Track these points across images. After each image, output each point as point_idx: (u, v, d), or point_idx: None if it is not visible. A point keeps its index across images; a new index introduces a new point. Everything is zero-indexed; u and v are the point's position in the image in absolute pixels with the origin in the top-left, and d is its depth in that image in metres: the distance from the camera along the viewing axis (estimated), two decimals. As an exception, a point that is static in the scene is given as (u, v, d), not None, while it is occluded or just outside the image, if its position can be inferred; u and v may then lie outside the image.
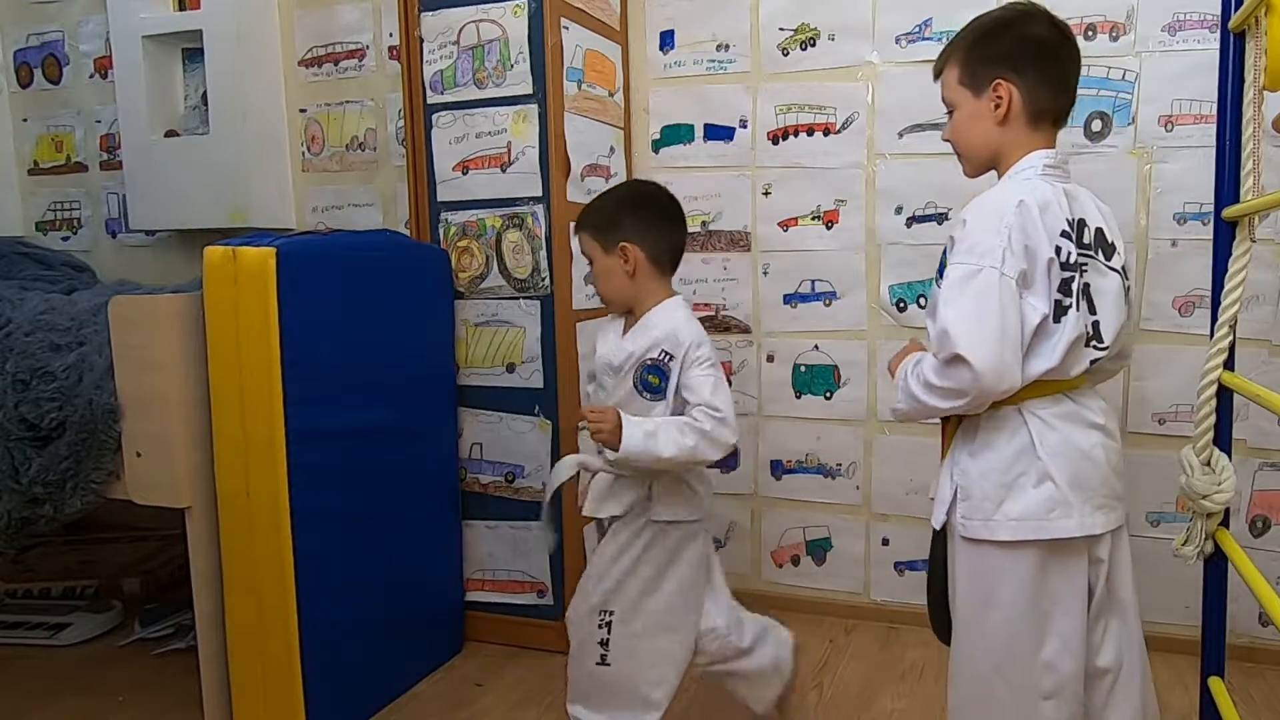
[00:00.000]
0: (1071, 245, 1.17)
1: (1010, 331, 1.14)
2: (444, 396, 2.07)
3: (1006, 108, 1.23)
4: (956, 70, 1.28)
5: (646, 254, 1.54)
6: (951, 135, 1.32)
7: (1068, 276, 1.16)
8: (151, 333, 1.66)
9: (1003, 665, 1.21)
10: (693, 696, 1.91)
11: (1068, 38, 1.26)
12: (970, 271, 1.16)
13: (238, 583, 1.66)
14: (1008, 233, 1.15)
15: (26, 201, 2.92)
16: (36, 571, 2.54)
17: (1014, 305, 1.14)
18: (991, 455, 1.21)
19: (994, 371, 1.13)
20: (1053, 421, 1.19)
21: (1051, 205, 1.17)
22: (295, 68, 2.55)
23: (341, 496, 1.74)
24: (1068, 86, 1.27)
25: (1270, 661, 1.97)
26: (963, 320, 1.15)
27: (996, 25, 1.27)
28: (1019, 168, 1.24)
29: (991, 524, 1.19)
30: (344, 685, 1.77)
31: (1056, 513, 1.17)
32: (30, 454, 1.75)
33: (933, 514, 1.28)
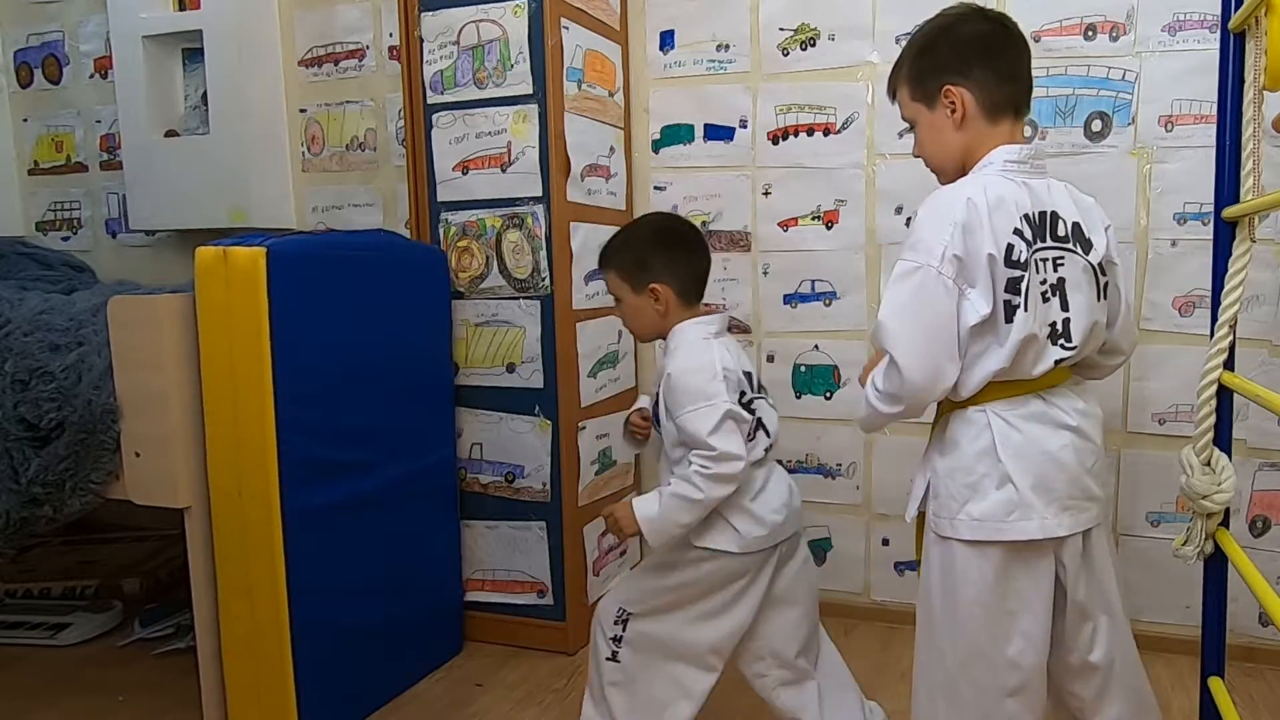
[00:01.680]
0: (1023, 243, 1.16)
1: (944, 333, 1.15)
2: (441, 396, 2.07)
3: (961, 111, 1.24)
4: (907, 87, 1.30)
5: (676, 290, 1.54)
6: (919, 151, 1.33)
7: (1015, 275, 1.16)
8: (150, 333, 1.66)
9: (968, 662, 1.22)
10: (693, 696, 1.91)
11: (1006, 26, 1.27)
12: (910, 269, 1.17)
13: (231, 583, 1.66)
14: (951, 230, 1.15)
15: (26, 201, 2.92)
16: (36, 571, 2.54)
17: (948, 305, 1.15)
18: (957, 455, 1.22)
19: (922, 374, 1.16)
20: (1017, 423, 1.19)
21: (1006, 202, 1.17)
22: (295, 68, 2.55)
23: (335, 497, 1.74)
24: (1017, 75, 1.26)
25: (1270, 661, 1.97)
26: (895, 317, 1.17)
27: (933, 34, 1.28)
28: (981, 165, 1.24)
29: (956, 522, 1.21)
30: (340, 685, 1.77)
31: (1015, 515, 1.18)
32: (29, 454, 1.75)
33: (907, 507, 1.30)
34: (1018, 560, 1.20)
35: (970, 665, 1.22)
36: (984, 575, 1.20)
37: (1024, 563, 1.20)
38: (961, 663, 1.22)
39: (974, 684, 1.22)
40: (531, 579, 2.12)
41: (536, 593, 2.11)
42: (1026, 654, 1.21)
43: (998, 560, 1.19)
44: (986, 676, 1.21)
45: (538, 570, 2.10)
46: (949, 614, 1.22)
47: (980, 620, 1.20)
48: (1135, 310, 2.00)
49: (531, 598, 2.12)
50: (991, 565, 1.19)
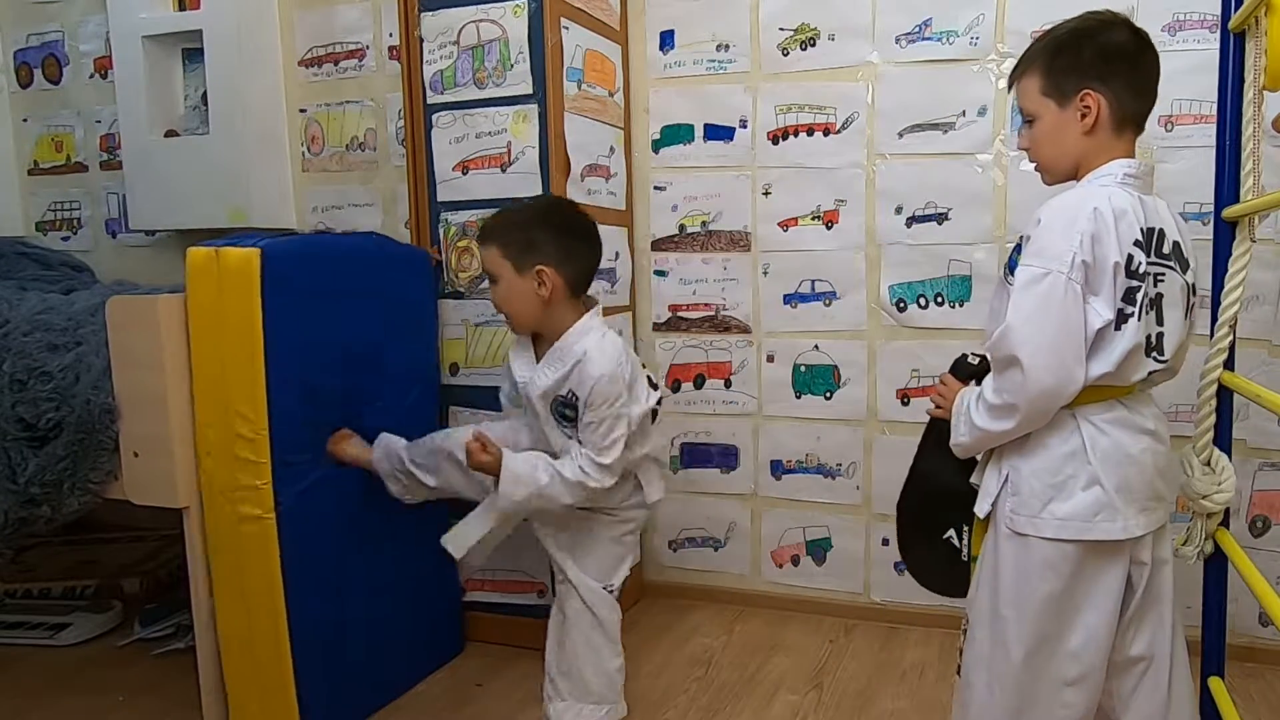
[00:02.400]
0: (1143, 255, 1.18)
1: (1072, 337, 1.16)
2: (430, 396, 2.06)
3: (1095, 118, 1.24)
4: (1039, 80, 1.28)
5: (565, 279, 1.54)
6: (1031, 145, 1.32)
7: (1134, 286, 1.17)
8: (149, 333, 1.66)
9: (1033, 653, 1.24)
10: (692, 697, 1.91)
11: (1148, 44, 1.27)
12: (1037, 275, 1.18)
13: (226, 584, 1.66)
14: (1079, 238, 1.16)
15: (26, 201, 2.92)
16: (36, 571, 2.53)
17: (1077, 311, 1.16)
18: (1043, 454, 1.23)
19: (1054, 376, 1.16)
20: (1105, 427, 1.22)
21: (1128, 213, 1.18)
22: (295, 68, 2.55)
23: (329, 497, 1.74)
24: (1150, 92, 1.27)
25: (1270, 661, 1.97)
26: (1024, 323, 1.17)
27: (1078, 35, 1.27)
28: (1098, 173, 1.24)
29: (1038, 521, 1.22)
30: (340, 685, 1.77)
31: (1101, 516, 1.20)
32: (27, 454, 1.75)
33: (977, 503, 1.30)
34: (1094, 559, 1.22)
35: (1034, 656, 1.24)
36: (1060, 573, 1.22)
37: (1100, 561, 1.23)
38: (1027, 655, 1.24)
39: (1035, 674, 1.25)
40: (531, 579, 2.12)
41: (536, 592, 2.11)
42: (1089, 647, 1.24)
43: (1075, 558, 1.22)
44: (1048, 667, 1.24)
45: (537, 570, 2.10)
46: (1019, 608, 1.24)
47: (1051, 614, 1.23)
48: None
49: (531, 597, 2.12)
50: (1069, 563, 1.22)
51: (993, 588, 1.27)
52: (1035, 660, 1.24)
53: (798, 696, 1.90)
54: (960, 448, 1.31)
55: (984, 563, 1.31)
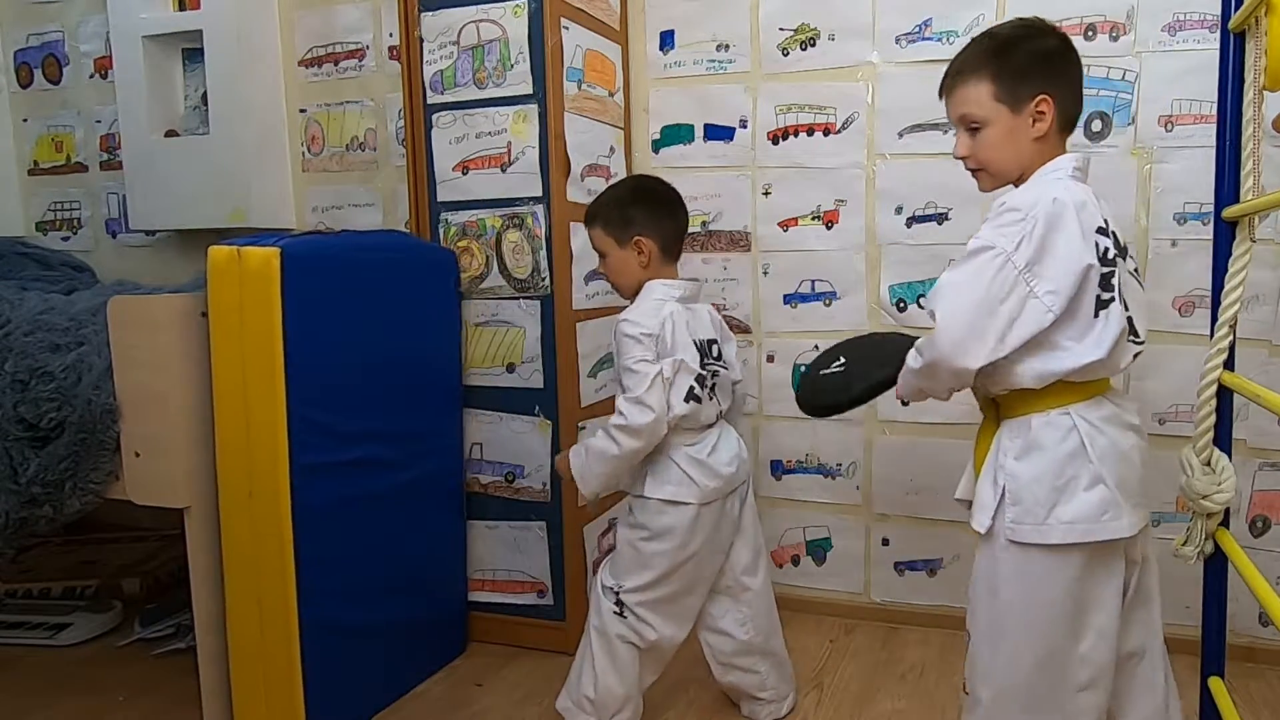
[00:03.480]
0: (1109, 242, 1.19)
1: (987, 312, 1.17)
2: (450, 397, 2.07)
3: (1050, 122, 1.25)
4: (988, 85, 1.27)
5: (659, 245, 1.67)
6: (977, 151, 1.31)
7: (1107, 271, 1.18)
8: (150, 333, 1.66)
9: (1044, 661, 1.23)
10: (692, 698, 1.91)
11: (1073, 47, 1.29)
12: (980, 247, 1.20)
13: (239, 583, 1.66)
14: (1032, 223, 1.17)
15: (26, 201, 2.92)
16: (36, 571, 2.54)
17: (1005, 290, 1.16)
18: (1042, 458, 1.22)
19: (950, 340, 1.18)
20: (1100, 425, 1.22)
21: (1088, 204, 1.20)
22: (295, 68, 2.55)
23: (345, 498, 1.74)
24: (1082, 94, 1.30)
25: (1270, 661, 1.97)
26: (951, 285, 1.20)
27: (1020, 41, 1.27)
28: (1049, 169, 1.25)
29: (1044, 528, 1.21)
30: (346, 685, 1.77)
31: (1109, 514, 1.20)
32: (29, 454, 1.75)
33: (973, 518, 1.28)
34: (1098, 560, 1.22)
35: (1046, 665, 1.23)
36: (1066, 578, 1.21)
37: (1104, 562, 1.22)
38: (1036, 664, 1.23)
39: (1049, 683, 1.24)
40: (532, 579, 2.12)
41: (537, 593, 2.11)
42: (1099, 648, 1.23)
43: (1080, 562, 1.21)
44: (1060, 674, 1.23)
45: (538, 570, 2.10)
46: (1025, 618, 1.23)
47: (1058, 622, 1.22)
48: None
49: (532, 598, 2.12)
50: (1074, 568, 1.21)
51: (993, 602, 1.26)
52: (1048, 668, 1.23)
53: (798, 696, 1.90)
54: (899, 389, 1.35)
55: (979, 578, 1.29)
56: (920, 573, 2.24)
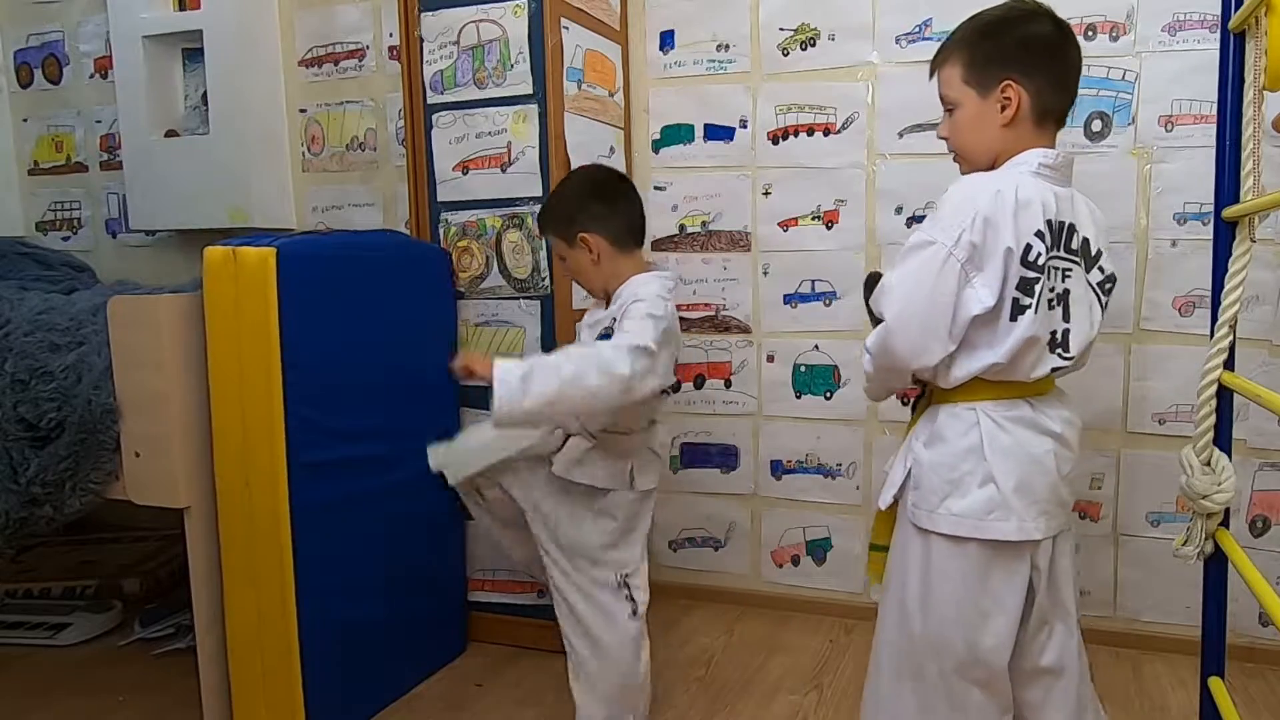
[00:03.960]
0: (1043, 247, 1.17)
1: (938, 310, 1.16)
2: (446, 395, 2.06)
3: (1015, 109, 1.23)
4: (960, 69, 1.27)
5: (607, 239, 1.60)
6: (950, 134, 1.32)
7: (1030, 277, 1.16)
8: (150, 333, 1.66)
9: (940, 649, 1.24)
10: (692, 697, 1.91)
11: (1070, 37, 1.26)
12: (923, 241, 1.19)
13: (237, 581, 1.66)
14: (973, 216, 1.16)
15: (26, 201, 2.92)
16: (36, 571, 2.54)
17: (951, 285, 1.16)
18: (943, 449, 1.23)
19: (905, 339, 1.18)
20: (1005, 424, 1.21)
21: (1033, 203, 1.17)
22: (295, 68, 2.55)
23: (342, 496, 1.74)
24: (1070, 87, 1.27)
25: (1270, 661, 1.97)
26: (897, 284, 1.19)
27: (1002, 24, 1.26)
28: (1014, 161, 1.24)
29: (935, 516, 1.22)
30: (345, 685, 1.77)
31: (995, 515, 1.19)
32: (29, 454, 1.75)
33: (881, 494, 1.32)
34: (997, 560, 1.21)
35: (941, 652, 1.24)
36: (963, 571, 1.22)
37: (1002, 563, 1.22)
38: (933, 649, 1.24)
39: (942, 671, 1.24)
40: (531, 579, 2.11)
41: (537, 592, 2.11)
42: (997, 651, 1.23)
43: (977, 558, 1.21)
44: (952, 666, 1.24)
45: (538, 570, 2.10)
46: (922, 603, 1.24)
47: (954, 613, 1.22)
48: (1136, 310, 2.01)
49: (531, 597, 2.12)
50: (971, 562, 1.21)
51: (900, 580, 1.28)
52: (943, 657, 1.24)
53: (798, 696, 1.90)
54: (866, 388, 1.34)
55: (893, 554, 1.31)
56: (920, 573, 2.24)
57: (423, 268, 2.01)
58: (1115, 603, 2.09)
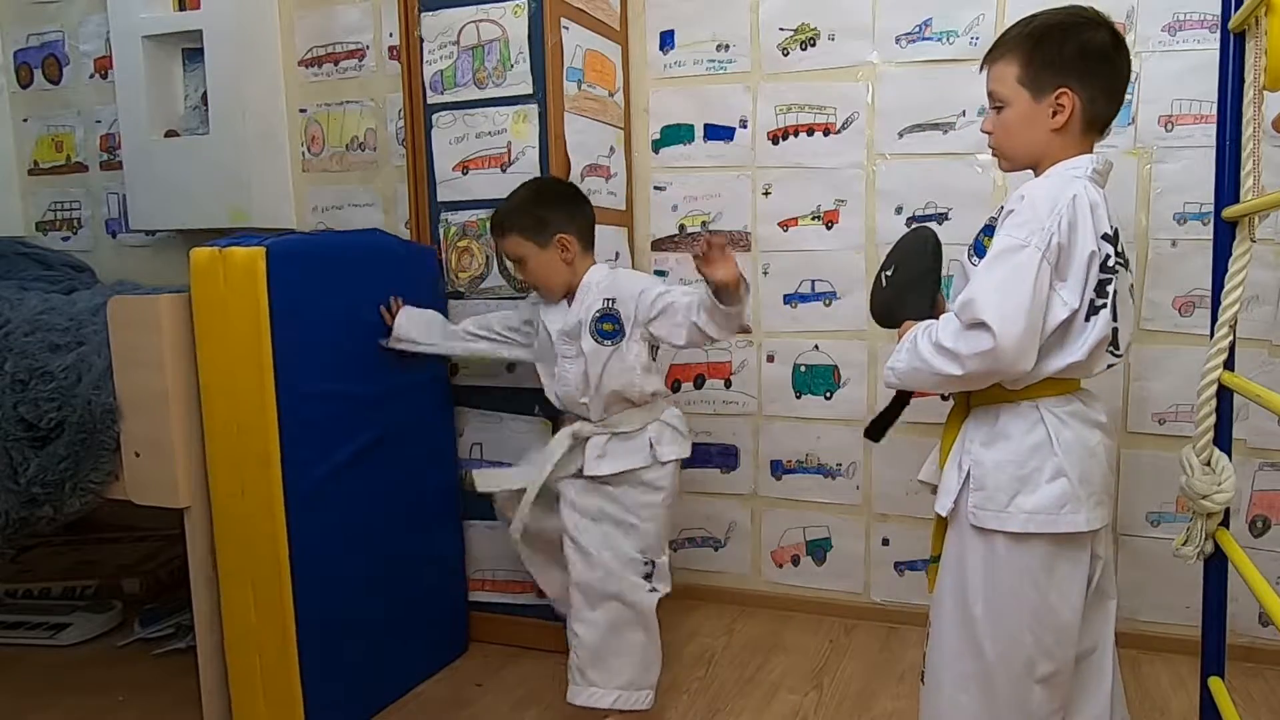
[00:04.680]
0: (1111, 249, 1.19)
1: (1037, 313, 1.15)
2: (440, 394, 2.07)
3: (1068, 117, 1.23)
4: (1016, 68, 1.26)
5: (578, 239, 1.71)
6: (996, 129, 1.30)
7: (1105, 278, 1.18)
8: (150, 333, 1.66)
9: (1007, 651, 1.24)
10: (693, 697, 1.91)
11: (1124, 49, 1.27)
12: (1015, 245, 1.17)
13: (233, 582, 1.66)
14: (1059, 219, 1.16)
15: (26, 201, 2.92)
16: (36, 571, 2.54)
17: (1045, 289, 1.16)
18: (1008, 447, 1.23)
19: (1014, 345, 1.14)
20: (1066, 419, 1.23)
21: (1100, 207, 1.20)
22: (295, 68, 2.55)
23: (339, 496, 1.74)
24: (1120, 97, 1.28)
25: (1270, 661, 1.97)
26: (995, 290, 1.16)
27: (1063, 30, 1.25)
28: (1068, 165, 1.24)
29: (1004, 515, 1.22)
30: (344, 685, 1.77)
31: (1068, 508, 1.20)
32: (29, 454, 1.75)
33: (937, 501, 1.30)
34: (1062, 553, 1.22)
35: (1008, 655, 1.24)
36: (1028, 568, 1.22)
37: (1067, 556, 1.23)
38: (999, 653, 1.24)
39: (1009, 673, 1.24)
40: (531, 579, 2.11)
41: (537, 592, 2.11)
42: (1063, 643, 1.24)
43: (1042, 553, 1.22)
44: (1022, 666, 1.24)
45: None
46: (990, 606, 1.24)
47: (1022, 612, 1.23)
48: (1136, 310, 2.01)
49: (531, 598, 2.11)
50: (1036, 558, 1.22)
51: (960, 587, 1.27)
52: (1009, 658, 1.24)
53: (798, 696, 1.90)
54: (893, 372, 1.29)
55: (948, 562, 1.30)
56: (920, 573, 2.24)
57: (412, 267, 2.01)
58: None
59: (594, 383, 1.67)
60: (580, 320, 1.69)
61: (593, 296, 1.69)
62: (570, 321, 1.70)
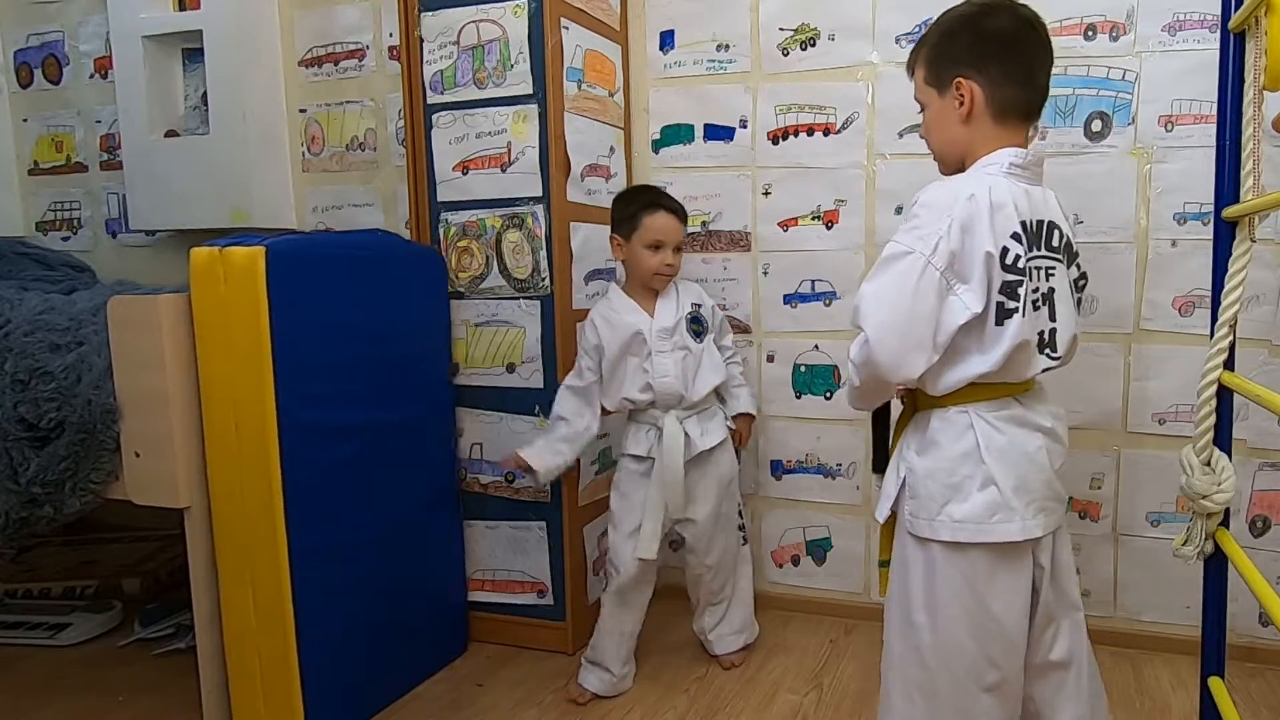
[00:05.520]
0: (1021, 248, 1.16)
1: (919, 320, 1.14)
2: (440, 394, 2.07)
3: (969, 106, 1.23)
4: (923, 69, 1.29)
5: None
6: (923, 134, 1.33)
7: (1012, 280, 1.15)
8: (150, 333, 1.66)
9: (949, 659, 1.22)
10: (693, 697, 1.91)
11: (1034, 28, 1.24)
12: (900, 252, 1.16)
13: (233, 582, 1.66)
14: (949, 223, 1.14)
15: (26, 201, 2.92)
16: (36, 571, 2.54)
17: (931, 295, 1.14)
18: (938, 455, 1.22)
19: (889, 354, 1.15)
20: (1000, 425, 1.20)
21: (1007, 205, 1.16)
22: (295, 68, 2.55)
23: (338, 495, 1.74)
24: (1033, 80, 1.25)
25: (1270, 661, 1.97)
26: (875, 296, 1.16)
27: (958, 22, 1.26)
28: (984, 162, 1.23)
29: (935, 524, 1.21)
30: (344, 685, 1.77)
31: (998, 517, 1.18)
32: (29, 454, 1.75)
33: (877, 507, 1.30)
34: (1000, 562, 1.20)
35: (950, 663, 1.22)
36: (966, 576, 1.20)
37: (1006, 564, 1.21)
38: (942, 661, 1.23)
39: (953, 681, 1.23)
40: (531, 579, 2.12)
41: (536, 593, 2.11)
42: (1008, 654, 1.22)
43: (981, 562, 1.20)
44: (965, 674, 1.22)
45: (538, 570, 2.10)
46: (929, 614, 1.23)
47: (962, 620, 1.21)
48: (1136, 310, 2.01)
49: (531, 598, 2.12)
50: (973, 566, 1.20)
51: (903, 593, 1.26)
52: (953, 667, 1.22)
53: (798, 696, 1.90)
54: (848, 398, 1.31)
55: (894, 568, 1.29)
56: (920, 573, 2.24)
57: (415, 268, 2.01)
58: (1115, 603, 2.09)
59: (692, 374, 1.89)
60: (679, 319, 1.90)
61: (684, 299, 1.93)
62: (670, 321, 1.89)
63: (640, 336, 1.87)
